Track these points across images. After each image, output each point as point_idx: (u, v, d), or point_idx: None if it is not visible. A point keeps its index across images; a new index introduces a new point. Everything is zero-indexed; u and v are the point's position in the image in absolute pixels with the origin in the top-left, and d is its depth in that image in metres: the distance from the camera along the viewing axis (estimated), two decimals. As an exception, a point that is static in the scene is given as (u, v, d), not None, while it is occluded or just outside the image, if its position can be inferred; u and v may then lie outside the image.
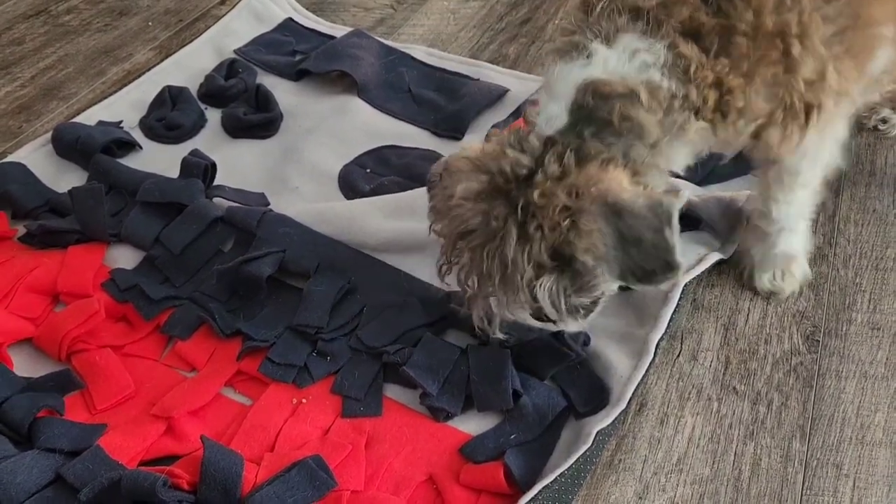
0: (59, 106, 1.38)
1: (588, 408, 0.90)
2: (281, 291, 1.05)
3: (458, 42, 1.53)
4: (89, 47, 1.52)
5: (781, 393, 0.94)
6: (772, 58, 0.84)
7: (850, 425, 0.90)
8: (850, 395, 0.93)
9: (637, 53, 0.82)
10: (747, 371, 0.97)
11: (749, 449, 0.89)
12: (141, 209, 1.13)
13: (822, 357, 0.98)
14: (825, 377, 0.96)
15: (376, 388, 0.95)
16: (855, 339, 0.99)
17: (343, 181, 1.22)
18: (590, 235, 0.78)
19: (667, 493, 0.85)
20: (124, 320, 1.03)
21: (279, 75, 1.43)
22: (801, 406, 0.93)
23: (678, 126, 0.84)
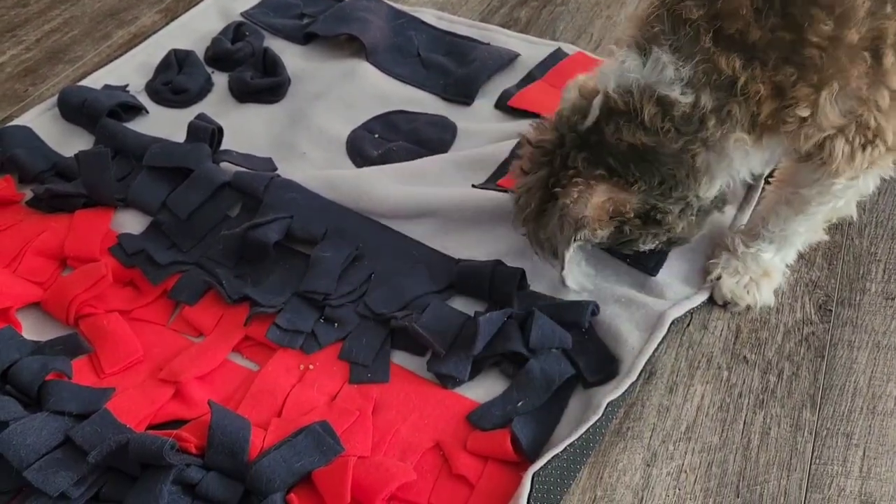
0: (65, 69, 1.37)
1: (597, 377, 0.90)
2: (288, 257, 1.05)
3: (468, 6, 1.50)
4: (95, 10, 1.50)
5: (792, 362, 0.93)
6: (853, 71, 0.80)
7: (861, 395, 0.90)
8: (862, 366, 0.93)
9: (664, 67, 0.82)
10: (758, 340, 0.96)
11: (759, 418, 0.88)
12: (147, 174, 1.12)
13: (834, 327, 0.97)
14: (837, 347, 0.95)
15: (384, 354, 0.95)
16: (868, 308, 0.98)
17: (351, 146, 1.21)
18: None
19: (675, 461, 0.85)
20: (132, 285, 1.03)
21: (286, 39, 1.41)
22: (812, 376, 0.92)
23: (708, 141, 0.85)
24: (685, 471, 0.84)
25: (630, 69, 0.84)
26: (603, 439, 0.86)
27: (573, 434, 0.83)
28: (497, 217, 1.05)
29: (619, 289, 0.98)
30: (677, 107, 0.83)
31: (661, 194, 0.88)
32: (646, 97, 0.83)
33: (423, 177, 1.12)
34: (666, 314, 0.95)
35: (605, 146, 0.86)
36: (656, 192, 0.88)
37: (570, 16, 1.46)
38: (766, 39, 0.80)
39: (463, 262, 1.01)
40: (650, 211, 0.89)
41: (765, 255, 0.98)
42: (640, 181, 0.87)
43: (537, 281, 1.01)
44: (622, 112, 0.85)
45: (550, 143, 0.90)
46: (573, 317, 0.94)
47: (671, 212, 0.90)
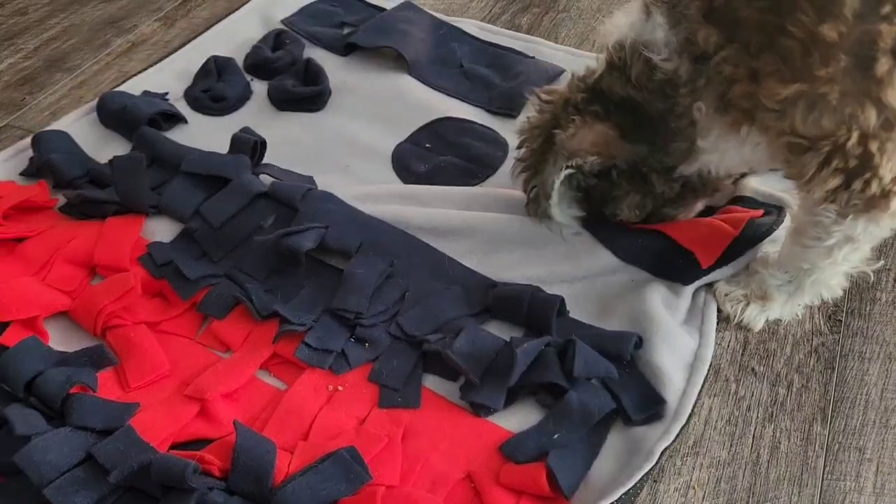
0: (64, 77, 1.36)
1: (642, 416, 0.85)
2: (321, 272, 1.02)
3: (469, 12, 1.48)
4: (94, 18, 1.50)
5: (802, 374, 0.90)
6: (820, 73, 0.74)
7: (873, 408, 0.87)
8: (874, 378, 0.89)
9: (655, 30, 0.83)
10: (767, 352, 0.93)
11: (768, 432, 0.85)
12: (183, 180, 1.10)
13: (844, 338, 0.94)
14: (847, 358, 0.91)
15: (415, 378, 0.91)
16: (879, 319, 0.95)
17: (397, 161, 1.18)
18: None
19: (682, 476, 0.82)
20: (160, 296, 1.01)
21: (327, 48, 1.39)
22: (822, 388, 0.89)
23: (677, 111, 0.85)
24: (693, 487, 0.81)
25: (628, 26, 0.87)
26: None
27: (626, 482, 0.79)
28: (539, 240, 1.01)
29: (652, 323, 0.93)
30: (658, 70, 0.84)
31: (649, 153, 0.90)
32: (634, 56, 0.86)
33: (469, 206, 1.08)
34: (703, 354, 0.91)
35: (605, 96, 0.90)
36: (644, 149, 0.90)
37: (573, 22, 1.44)
38: (753, 19, 0.77)
39: (500, 287, 0.97)
40: (638, 165, 0.92)
41: (771, 281, 0.93)
42: (633, 133, 0.89)
43: (577, 308, 0.97)
44: (617, 67, 0.88)
45: (559, 94, 0.95)
46: (615, 348, 0.90)
47: (657, 171, 0.91)
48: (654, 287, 0.96)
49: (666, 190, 0.94)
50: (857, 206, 0.81)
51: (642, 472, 0.80)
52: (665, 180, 0.93)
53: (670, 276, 0.98)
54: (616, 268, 0.99)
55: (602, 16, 1.46)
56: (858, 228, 0.83)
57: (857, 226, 0.83)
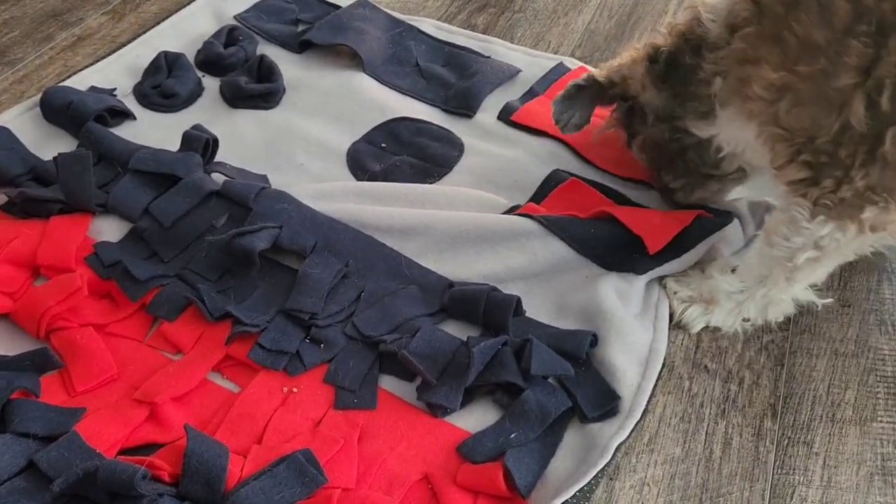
0: (5, 71, 1.32)
1: (597, 413, 0.86)
2: (274, 272, 1.00)
3: (426, 11, 1.48)
4: (36, 10, 1.45)
5: (753, 371, 0.92)
6: (807, 71, 0.77)
7: (820, 403, 0.89)
8: (821, 374, 0.92)
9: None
10: (719, 349, 0.94)
11: (720, 428, 0.87)
12: (131, 178, 1.07)
13: (792, 335, 0.96)
14: (796, 355, 0.94)
15: (371, 379, 0.90)
16: (826, 316, 0.97)
17: (352, 160, 1.17)
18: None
19: (638, 473, 0.83)
20: (108, 297, 0.98)
21: (281, 46, 1.37)
22: (772, 384, 0.91)
23: (701, 75, 0.90)
24: (648, 484, 0.82)
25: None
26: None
27: (581, 479, 0.79)
28: (494, 237, 1.01)
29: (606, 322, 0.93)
30: (702, 27, 0.89)
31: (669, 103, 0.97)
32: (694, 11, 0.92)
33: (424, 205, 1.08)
34: (657, 348, 0.92)
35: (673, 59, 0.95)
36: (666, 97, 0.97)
37: (528, 23, 1.45)
38: (771, 6, 0.80)
39: (456, 287, 0.97)
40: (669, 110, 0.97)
41: (724, 286, 0.95)
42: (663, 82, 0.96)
43: (533, 308, 0.97)
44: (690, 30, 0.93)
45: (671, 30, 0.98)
46: (571, 346, 0.90)
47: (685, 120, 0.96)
48: (608, 281, 0.97)
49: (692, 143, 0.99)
50: (827, 206, 0.83)
51: (597, 468, 0.80)
52: (678, 136, 0.99)
53: (623, 267, 0.98)
54: (571, 262, 1.00)
55: (558, 17, 1.47)
56: (825, 231, 0.84)
57: (824, 228, 0.84)
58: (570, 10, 1.49)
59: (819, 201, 0.83)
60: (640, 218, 1.00)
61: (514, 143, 1.18)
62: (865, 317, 0.98)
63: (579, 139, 1.18)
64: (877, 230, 0.83)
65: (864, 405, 0.89)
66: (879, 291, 1.01)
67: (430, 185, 1.12)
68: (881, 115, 0.76)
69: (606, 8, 1.49)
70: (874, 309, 0.99)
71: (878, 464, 0.84)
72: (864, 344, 0.95)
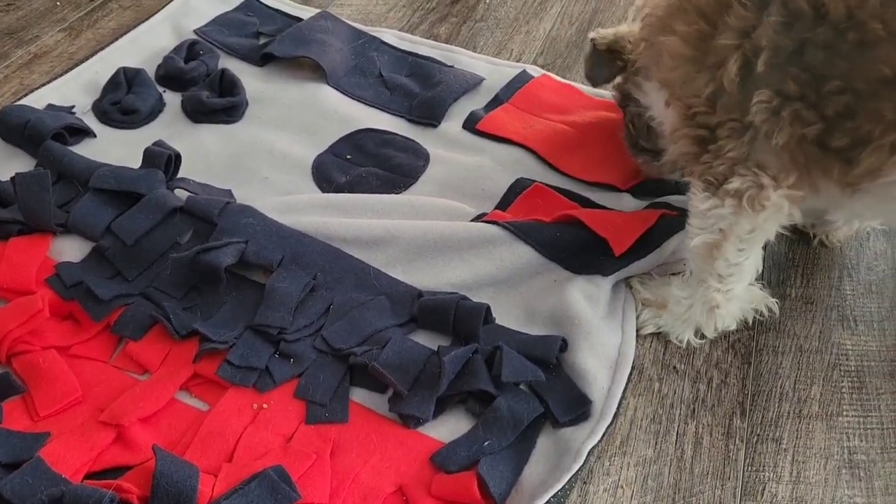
0: None
1: (569, 417, 0.86)
2: (241, 287, 0.99)
3: (387, 22, 1.48)
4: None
5: (721, 370, 0.93)
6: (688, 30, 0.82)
7: (787, 400, 0.90)
8: (787, 370, 0.93)
9: None
10: (687, 349, 0.96)
11: (691, 428, 0.88)
12: (92, 197, 1.05)
13: (758, 333, 0.97)
14: (762, 353, 0.95)
15: (342, 392, 0.89)
16: (790, 314, 0.99)
17: (317, 172, 1.16)
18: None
19: (611, 476, 0.84)
20: (71, 318, 0.96)
21: (243, 59, 1.36)
22: (740, 383, 0.92)
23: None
24: (621, 486, 0.83)
25: None
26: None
27: (555, 484, 0.79)
28: (461, 244, 1.01)
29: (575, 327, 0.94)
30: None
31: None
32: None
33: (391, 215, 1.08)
34: (626, 351, 0.93)
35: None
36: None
37: (490, 31, 1.46)
38: None
39: (426, 297, 0.97)
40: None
41: (675, 292, 0.95)
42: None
43: (503, 314, 0.97)
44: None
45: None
46: (541, 352, 0.91)
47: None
48: (576, 284, 0.98)
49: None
50: (709, 181, 0.85)
51: (571, 472, 0.81)
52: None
53: (589, 270, 0.99)
54: (538, 267, 1.00)
55: (519, 25, 1.48)
56: (706, 206, 0.86)
57: (706, 203, 0.86)
58: (532, 19, 1.50)
59: (703, 177, 0.85)
60: (604, 220, 1.01)
61: (480, 152, 1.19)
62: (828, 313, 1.00)
63: (545, 146, 1.19)
64: (755, 207, 0.84)
65: (830, 400, 0.90)
66: (840, 287, 1.03)
67: (396, 196, 1.12)
68: (753, 78, 0.78)
69: (567, 15, 1.50)
70: (836, 305, 1.00)
71: (845, 457, 0.85)
72: (828, 340, 0.97)
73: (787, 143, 0.79)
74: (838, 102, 0.75)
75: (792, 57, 0.76)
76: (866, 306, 1.00)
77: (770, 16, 0.76)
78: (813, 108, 0.77)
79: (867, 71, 0.73)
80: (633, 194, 1.12)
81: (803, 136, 0.78)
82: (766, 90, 0.78)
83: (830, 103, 0.76)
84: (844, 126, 0.76)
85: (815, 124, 0.77)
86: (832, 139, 0.77)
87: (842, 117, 0.76)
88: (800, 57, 0.76)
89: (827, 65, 0.75)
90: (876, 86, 0.74)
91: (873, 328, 0.98)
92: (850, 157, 0.77)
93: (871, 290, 1.02)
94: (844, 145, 0.77)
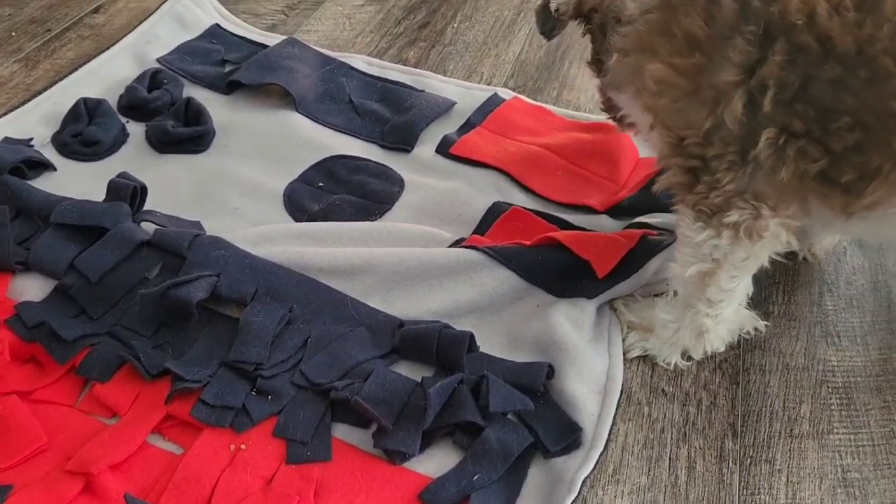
0: None
1: (560, 446, 0.83)
2: (214, 322, 0.95)
3: (356, 47, 1.47)
4: None
5: (709, 392, 0.92)
6: (683, 64, 0.79)
7: (777, 419, 0.90)
8: (775, 389, 0.93)
9: None
10: (675, 372, 0.94)
11: (683, 452, 0.86)
12: (54, 232, 1.01)
13: (744, 352, 0.96)
14: (749, 372, 0.94)
15: (324, 428, 0.86)
16: (774, 331, 0.98)
17: (289, 201, 1.13)
18: None
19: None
20: (33, 361, 0.92)
21: (208, 87, 1.33)
22: (729, 404, 0.91)
23: (608, 44, 0.91)
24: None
25: None
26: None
27: None
28: (441, 271, 0.99)
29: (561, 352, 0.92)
30: (623, 11, 0.88)
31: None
32: None
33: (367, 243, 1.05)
34: (614, 375, 0.91)
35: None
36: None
37: (459, 55, 1.46)
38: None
39: (407, 326, 0.94)
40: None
41: (661, 315, 0.93)
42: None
43: (486, 341, 0.95)
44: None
45: None
46: (528, 379, 0.88)
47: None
48: (559, 308, 0.96)
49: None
50: (703, 212, 0.84)
51: (566, 503, 0.78)
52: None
53: (573, 293, 0.97)
54: (520, 291, 0.98)
55: (488, 48, 1.48)
56: (702, 238, 0.85)
57: (702, 235, 0.84)
58: (500, 42, 1.50)
59: (696, 207, 0.84)
60: (585, 242, 1.00)
61: (455, 176, 1.17)
62: (811, 329, 0.99)
63: (519, 168, 1.18)
64: (752, 237, 0.83)
65: (820, 418, 0.89)
66: (822, 304, 1.02)
67: (372, 223, 1.09)
68: (759, 116, 0.77)
69: (535, 38, 1.50)
70: (818, 321, 1.00)
71: (839, 476, 0.84)
72: (813, 357, 0.96)
73: (791, 177, 0.78)
74: (847, 138, 0.74)
75: (798, 93, 0.75)
76: (848, 321, 1.00)
77: (775, 53, 0.74)
78: (818, 143, 0.75)
79: (878, 106, 0.72)
80: (610, 215, 1.11)
81: (807, 170, 0.77)
82: (772, 128, 0.76)
83: (838, 139, 0.74)
84: (853, 161, 0.75)
85: (821, 159, 0.76)
86: (839, 173, 0.76)
87: (850, 152, 0.75)
88: (806, 93, 0.74)
89: (835, 100, 0.73)
90: (887, 121, 0.73)
91: (857, 343, 0.97)
92: (856, 190, 0.76)
93: (851, 304, 1.02)
94: (851, 179, 0.76)
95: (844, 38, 0.72)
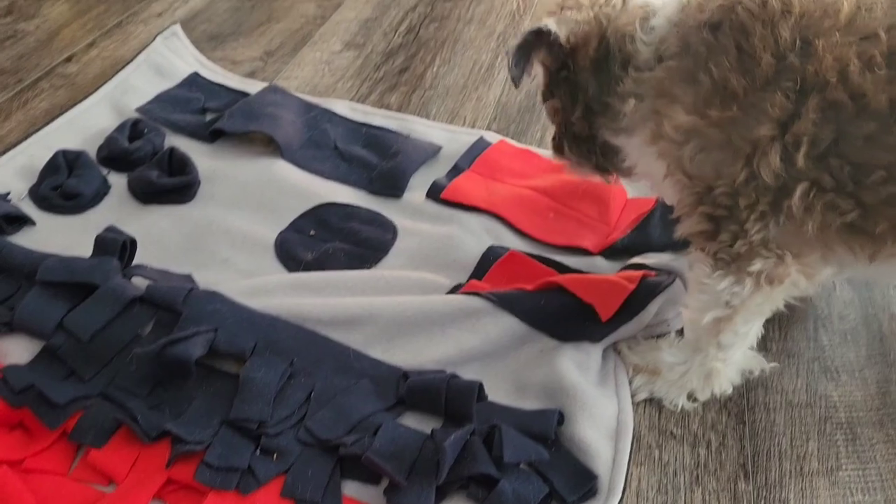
0: None
1: (577, 495, 0.82)
2: (212, 379, 0.92)
3: (336, 93, 1.47)
4: None
5: (717, 432, 0.92)
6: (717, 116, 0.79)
7: (787, 458, 0.89)
8: (782, 427, 0.93)
9: (662, 17, 0.87)
10: (682, 413, 0.94)
11: (697, 496, 0.85)
12: (39, 291, 0.97)
13: (747, 390, 0.97)
14: (755, 410, 0.95)
15: (334, 487, 0.83)
16: (774, 369, 0.99)
17: (280, 250, 1.11)
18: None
19: None
20: (21, 427, 0.87)
21: (190, 136, 1.31)
22: (738, 444, 0.91)
23: (620, 89, 0.88)
24: None
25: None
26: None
27: None
28: (442, 318, 0.98)
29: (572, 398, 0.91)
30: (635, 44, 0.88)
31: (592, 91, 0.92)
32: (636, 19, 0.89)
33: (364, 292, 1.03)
34: (624, 419, 0.91)
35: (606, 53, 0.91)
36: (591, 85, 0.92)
37: (441, 99, 1.46)
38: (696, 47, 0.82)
39: (413, 378, 0.92)
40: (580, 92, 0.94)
41: (667, 357, 0.94)
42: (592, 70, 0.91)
43: (492, 389, 0.93)
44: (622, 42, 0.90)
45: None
46: (539, 428, 0.87)
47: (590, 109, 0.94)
48: (565, 352, 0.95)
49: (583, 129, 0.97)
50: (724, 260, 0.84)
51: None
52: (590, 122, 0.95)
53: (577, 337, 0.97)
54: (524, 337, 0.97)
55: (469, 92, 1.49)
56: (723, 286, 0.85)
57: (721, 283, 0.85)
58: (480, 85, 1.52)
59: (717, 255, 0.84)
60: (587, 285, 1.00)
61: (447, 221, 1.17)
62: (810, 365, 1.00)
63: (511, 211, 1.18)
64: (773, 283, 0.84)
65: (828, 455, 0.90)
66: (818, 339, 1.04)
67: (368, 271, 1.08)
68: (794, 171, 0.78)
69: (515, 81, 1.52)
70: (816, 357, 1.01)
71: (852, 514, 0.84)
72: (815, 393, 0.97)
73: (818, 229, 0.78)
74: (881, 192, 0.75)
75: (831, 148, 0.75)
76: (845, 356, 1.01)
77: (809, 109, 0.75)
78: (850, 196, 0.76)
79: None
80: (604, 257, 1.12)
81: (835, 221, 0.78)
82: (805, 182, 0.77)
83: (872, 192, 0.75)
84: (886, 213, 0.76)
85: (852, 212, 0.77)
86: (872, 225, 0.77)
87: (884, 205, 0.75)
88: (838, 147, 0.75)
89: (869, 156, 0.74)
90: None
91: (855, 377, 0.99)
92: (885, 239, 0.77)
93: (846, 339, 1.04)
94: (884, 230, 0.77)
95: (878, 95, 0.73)
